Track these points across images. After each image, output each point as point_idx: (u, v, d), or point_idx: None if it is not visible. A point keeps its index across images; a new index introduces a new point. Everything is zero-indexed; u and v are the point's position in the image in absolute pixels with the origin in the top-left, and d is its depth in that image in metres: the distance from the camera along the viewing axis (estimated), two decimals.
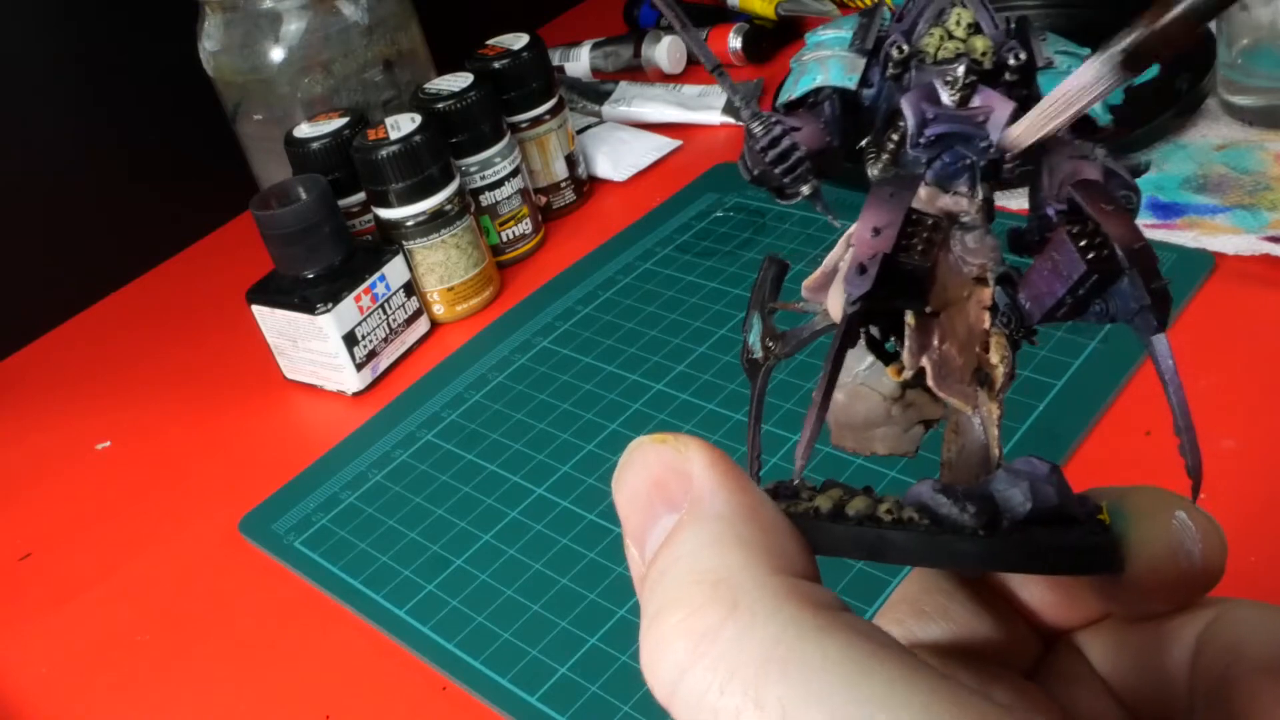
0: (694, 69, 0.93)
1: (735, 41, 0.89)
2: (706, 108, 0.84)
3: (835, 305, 0.23)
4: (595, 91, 0.90)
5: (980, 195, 0.23)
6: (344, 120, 0.70)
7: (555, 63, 0.95)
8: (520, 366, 0.63)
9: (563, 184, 0.77)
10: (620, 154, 0.81)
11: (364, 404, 0.65)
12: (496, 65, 0.73)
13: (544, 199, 0.77)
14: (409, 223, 0.67)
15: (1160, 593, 0.21)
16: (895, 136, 0.23)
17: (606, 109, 0.88)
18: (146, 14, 0.84)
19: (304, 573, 0.54)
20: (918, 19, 0.23)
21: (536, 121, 0.75)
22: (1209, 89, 0.66)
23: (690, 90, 0.86)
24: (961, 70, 0.22)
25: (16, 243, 0.81)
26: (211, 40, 0.75)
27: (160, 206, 0.88)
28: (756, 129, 0.23)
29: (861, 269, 0.20)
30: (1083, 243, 0.21)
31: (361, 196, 0.70)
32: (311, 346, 0.65)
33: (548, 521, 0.52)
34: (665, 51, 0.91)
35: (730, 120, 0.82)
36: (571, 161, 0.77)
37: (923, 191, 0.22)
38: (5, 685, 0.54)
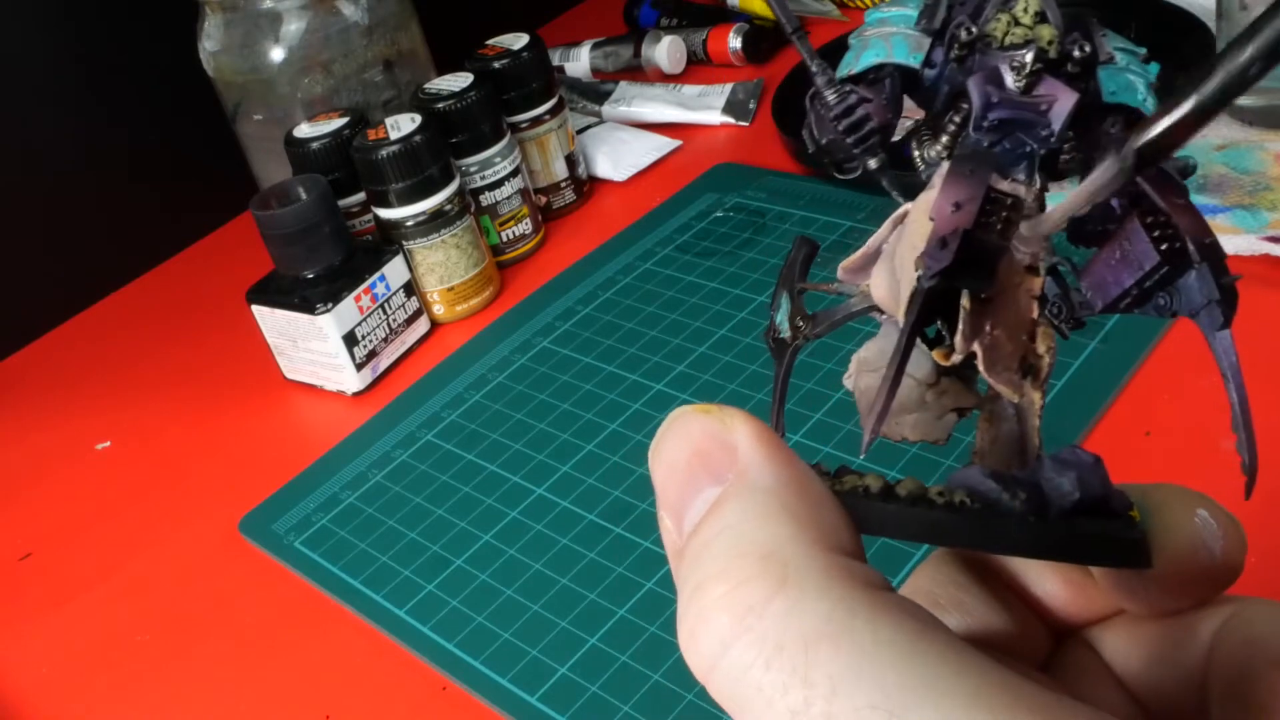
0: (694, 69, 0.93)
1: (735, 41, 0.89)
2: (706, 108, 0.84)
3: (880, 286, 0.23)
4: (595, 91, 0.90)
5: (1037, 184, 0.23)
6: (344, 120, 0.70)
7: (555, 63, 0.95)
8: (520, 366, 0.63)
9: (563, 184, 0.77)
10: (620, 154, 0.81)
11: (364, 404, 0.65)
12: (496, 65, 0.73)
13: (544, 199, 0.77)
14: (409, 223, 0.67)
15: (1181, 588, 0.22)
16: (957, 119, 0.23)
17: (606, 109, 0.88)
18: (146, 14, 0.84)
19: (304, 573, 0.54)
20: (984, 3, 0.23)
21: (536, 121, 0.75)
22: None
23: (690, 90, 0.86)
24: (1030, 56, 0.22)
25: (16, 243, 0.81)
26: (211, 40, 0.75)
27: (160, 206, 0.88)
28: (831, 96, 0.23)
29: (943, 243, 0.20)
30: (1156, 233, 0.21)
31: (361, 196, 0.70)
32: (311, 346, 0.65)
33: (548, 521, 0.52)
34: (665, 51, 0.91)
35: (730, 120, 0.82)
36: (571, 161, 0.77)
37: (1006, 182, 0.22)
38: (5, 685, 0.54)
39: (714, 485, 0.19)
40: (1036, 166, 0.22)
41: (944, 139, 0.24)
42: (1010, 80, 0.22)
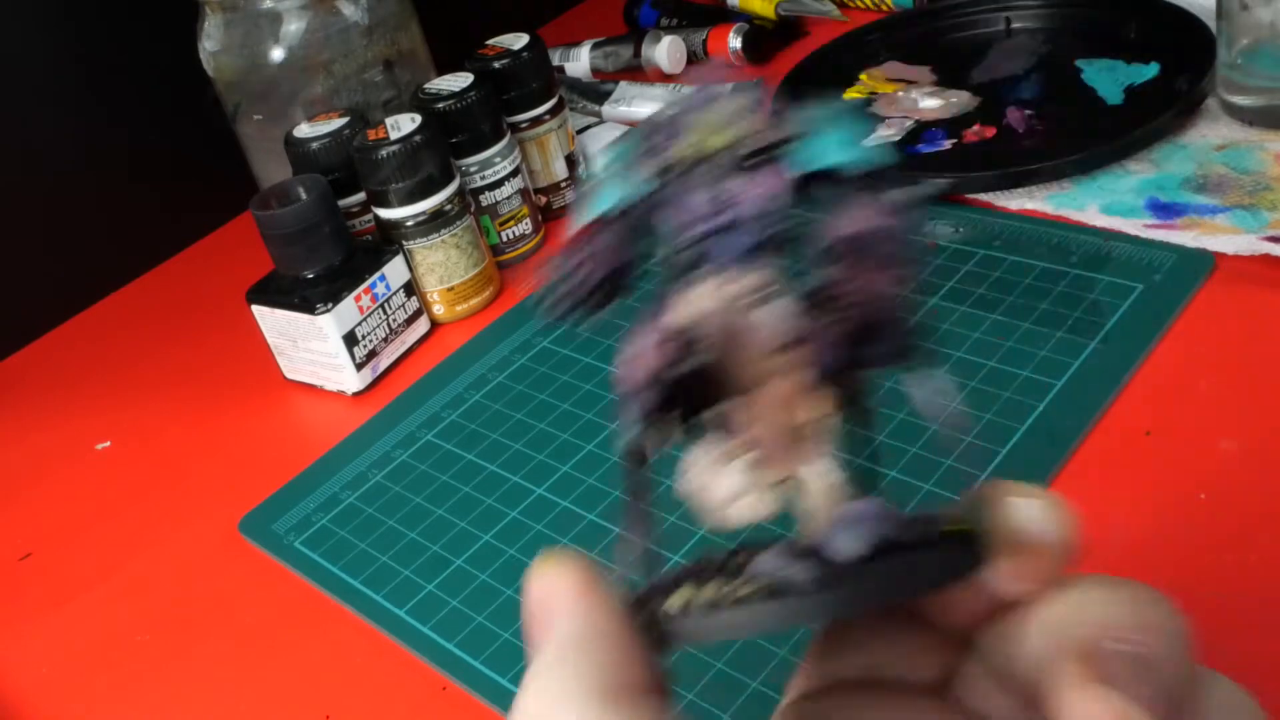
0: (694, 69, 0.92)
1: (735, 41, 0.89)
2: None
3: None
4: (595, 91, 0.90)
5: (764, 271, 0.23)
6: (344, 120, 0.70)
7: (555, 63, 0.95)
8: (520, 366, 0.63)
9: (563, 184, 0.77)
10: None
11: (364, 404, 0.65)
12: (496, 65, 0.73)
13: (544, 199, 0.77)
14: (409, 223, 0.67)
15: (1015, 575, 0.22)
16: (673, 246, 0.24)
17: (606, 109, 0.88)
18: (146, 14, 0.84)
19: (304, 573, 0.54)
20: (679, 126, 0.24)
21: (536, 121, 0.75)
22: (1209, 89, 0.66)
23: (690, 90, 0.86)
24: (704, 174, 0.23)
25: (16, 243, 0.81)
26: (211, 40, 0.75)
27: (160, 206, 0.88)
28: (558, 272, 0.25)
29: (627, 400, 0.21)
30: (840, 301, 0.22)
31: (361, 196, 0.70)
32: (311, 346, 0.65)
33: (548, 521, 0.52)
34: (665, 51, 0.91)
35: None
36: (571, 161, 0.77)
37: (710, 283, 0.23)
38: (5, 685, 0.54)
39: (541, 639, 0.22)
40: (756, 255, 0.23)
41: (670, 265, 0.24)
42: (704, 194, 0.23)
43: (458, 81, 0.71)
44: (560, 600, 0.22)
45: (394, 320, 0.67)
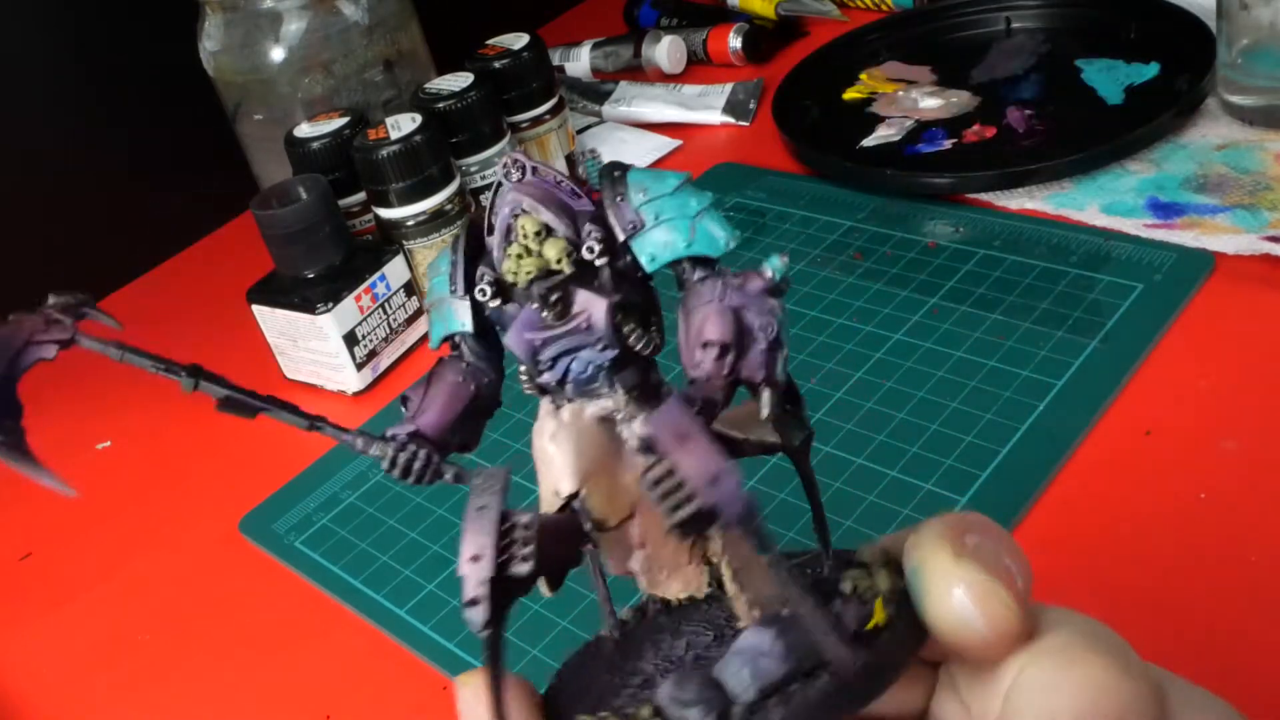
0: (694, 69, 0.93)
1: (735, 41, 0.89)
2: (706, 107, 0.84)
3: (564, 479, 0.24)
4: (595, 91, 0.90)
5: (621, 388, 0.23)
6: (344, 120, 0.70)
7: (555, 63, 0.95)
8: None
9: None
10: (620, 154, 0.81)
11: (364, 403, 0.65)
12: (496, 65, 0.73)
13: None
14: (409, 222, 0.67)
15: (964, 655, 0.22)
16: (531, 369, 0.24)
17: (606, 109, 0.88)
18: (146, 14, 0.84)
19: (304, 572, 0.54)
20: (487, 249, 0.24)
21: (536, 121, 0.75)
22: (1209, 89, 0.66)
23: (690, 90, 0.86)
24: (540, 292, 0.23)
25: (17, 243, 0.81)
26: (211, 40, 0.75)
27: (160, 206, 0.88)
28: (381, 460, 0.26)
29: (474, 602, 0.21)
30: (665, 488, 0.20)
31: (361, 196, 0.70)
32: (312, 346, 0.65)
33: None
34: (665, 51, 0.91)
35: (730, 120, 0.82)
36: (572, 161, 0.77)
37: (568, 408, 0.23)
38: (5, 685, 0.54)
39: None
40: (613, 373, 0.23)
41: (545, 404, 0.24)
42: (544, 316, 0.23)
43: (458, 81, 0.71)
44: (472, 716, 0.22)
45: (394, 320, 0.67)
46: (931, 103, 0.75)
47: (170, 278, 0.87)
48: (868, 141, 0.73)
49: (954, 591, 0.21)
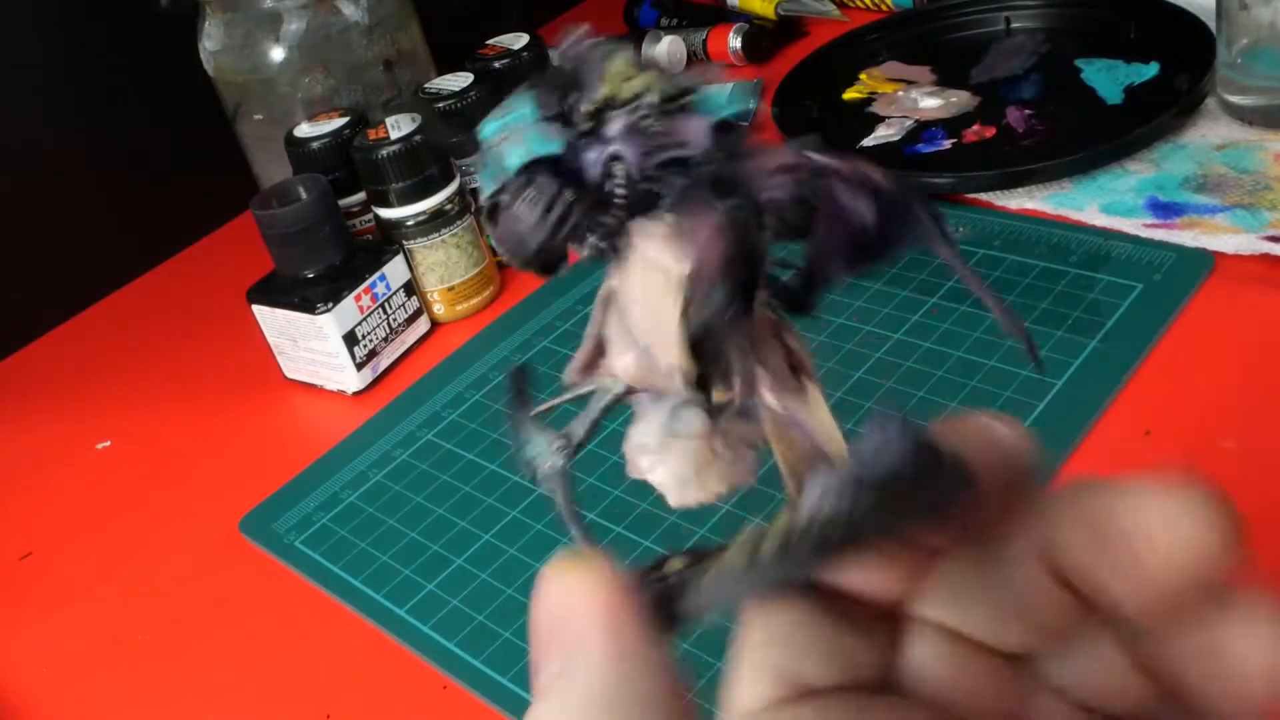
0: (693, 68, 0.92)
1: (735, 41, 0.89)
2: None
3: (630, 365, 0.24)
4: None
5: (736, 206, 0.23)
6: (344, 120, 0.70)
7: (555, 63, 0.95)
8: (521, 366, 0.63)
9: None
10: None
11: (364, 403, 0.65)
12: (496, 65, 0.73)
13: None
14: (409, 222, 0.67)
15: (992, 495, 0.21)
16: (619, 184, 0.23)
17: None
18: (146, 14, 0.84)
19: (304, 572, 0.54)
20: (586, 77, 0.24)
21: None
22: (1209, 89, 0.66)
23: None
24: (654, 99, 0.23)
25: (17, 243, 0.81)
26: (211, 40, 0.75)
27: (160, 206, 0.88)
28: (522, 202, 0.24)
29: (713, 279, 0.21)
30: (855, 190, 0.22)
31: (361, 196, 0.70)
32: (312, 346, 0.65)
33: (547, 521, 0.52)
34: (665, 51, 0.91)
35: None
36: None
37: (667, 219, 0.23)
38: (5, 685, 0.54)
39: (557, 661, 0.19)
40: (714, 188, 0.23)
41: (613, 213, 0.23)
42: (651, 126, 0.23)
43: (458, 81, 0.71)
44: (584, 627, 0.18)
45: (394, 320, 0.67)
46: (931, 103, 0.75)
47: (170, 278, 0.87)
48: (868, 141, 0.73)
49: (981, 420, 0.21)
